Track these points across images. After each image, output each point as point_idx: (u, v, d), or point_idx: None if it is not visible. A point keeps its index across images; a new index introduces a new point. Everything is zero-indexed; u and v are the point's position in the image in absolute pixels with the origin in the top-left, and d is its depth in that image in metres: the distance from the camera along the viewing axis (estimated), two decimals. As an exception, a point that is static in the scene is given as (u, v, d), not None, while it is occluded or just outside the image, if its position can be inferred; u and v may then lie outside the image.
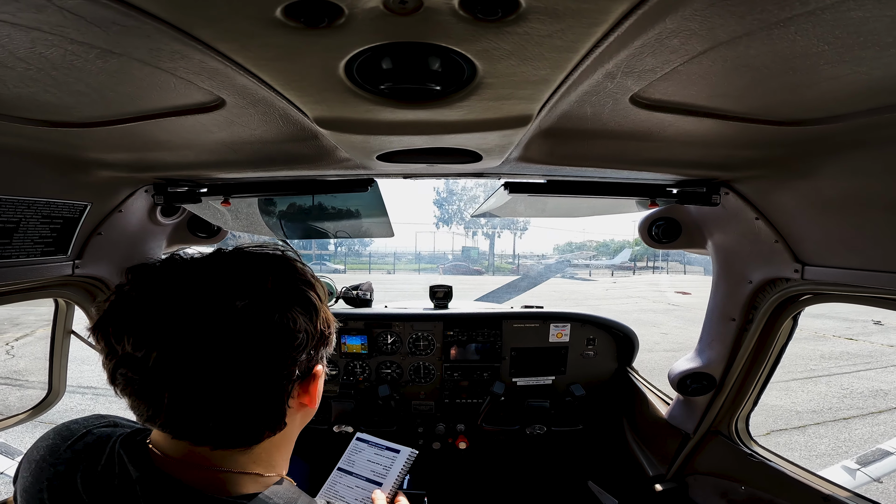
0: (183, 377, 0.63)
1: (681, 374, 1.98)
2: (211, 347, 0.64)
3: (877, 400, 8.14)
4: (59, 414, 6.38)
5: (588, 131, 1.15)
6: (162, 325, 0.63)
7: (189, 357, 0.63)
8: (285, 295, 0.73)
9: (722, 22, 0.62)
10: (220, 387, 0.65)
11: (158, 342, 0.63)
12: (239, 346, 0.65)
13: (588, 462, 2.89)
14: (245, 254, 0.77)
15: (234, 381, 0.66)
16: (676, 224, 1.92)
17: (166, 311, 0.64)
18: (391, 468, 1.47)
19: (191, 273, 0.69)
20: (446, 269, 50.28)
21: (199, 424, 0.68)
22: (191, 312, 0.64)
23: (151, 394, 0.65)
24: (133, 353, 0.63)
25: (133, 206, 1.64)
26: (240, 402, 0.68)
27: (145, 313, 0.64)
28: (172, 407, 0.65)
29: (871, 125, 0.98)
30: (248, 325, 0.66)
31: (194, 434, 0.69)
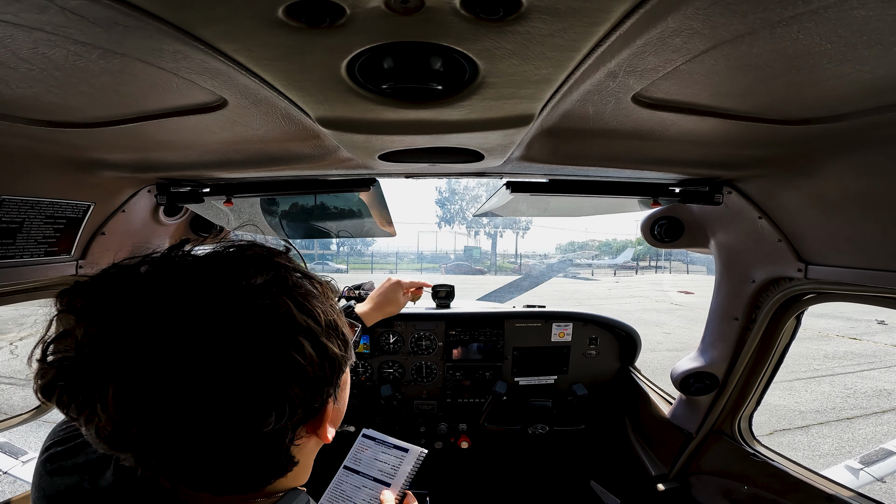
0: (162, 419, 0.52)
1: (683, 373, 1.97)
2: (187, 391, 0.52)
3: (880, 400, 8.11)
4: (61, 413, 6.39)
5: (590, 130, 1.15)
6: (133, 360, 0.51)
7: (163, 398, 0.51)
8: (270, 320, 0.58)
9: (724, 21, 0.62)
10: (204, 435, 0.54)
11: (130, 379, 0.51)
12: (213, 390, 0.53)
13: (590, 462, 2.88)
14: (224, 258, 0.62)
15: (215, 429, 0.54)
16: (679, 223, 1.91)
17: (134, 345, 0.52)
18: (399, 468, 1.41)
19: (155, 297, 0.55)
20: (448, 269, 50.29)
21: (193, 473, 0.58)
22: (159, 349, 0.52)
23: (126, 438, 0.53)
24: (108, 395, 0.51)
25: (136, 206, 1.65)
26: (228, 454, 0.57)
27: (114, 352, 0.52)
28: (158, 453, 0.55)
29: (874, 124, 0.97)
30: (220, 360, 0.53)
31: (190, 482, 0.60)
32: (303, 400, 0.60)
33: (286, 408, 0.58)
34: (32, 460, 3.76)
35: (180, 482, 0.60)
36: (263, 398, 0.55)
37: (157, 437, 0.53)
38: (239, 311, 0.55)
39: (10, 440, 4.21)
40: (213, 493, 0.62)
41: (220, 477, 0.60)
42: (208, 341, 0.53)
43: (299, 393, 0.59)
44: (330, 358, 0.63)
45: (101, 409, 0.51)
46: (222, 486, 0.62)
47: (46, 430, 0.81)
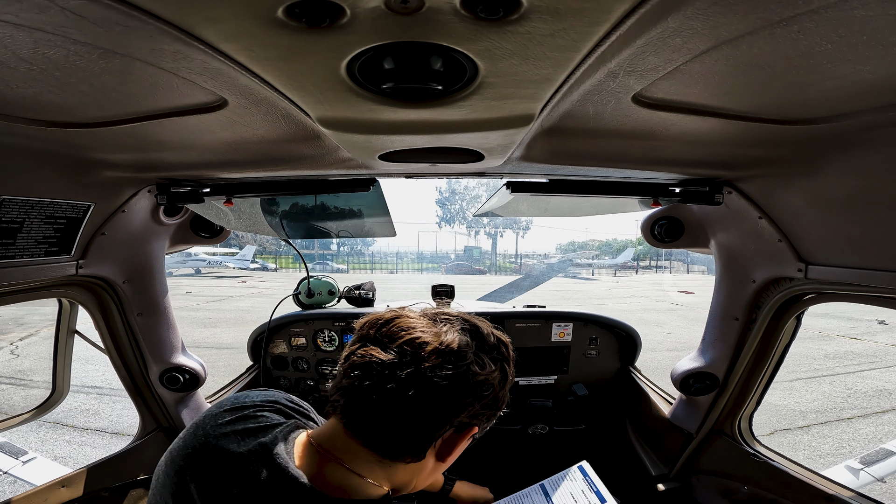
0: (394, 402, 0.82)
1: (684, 373, 1.97)
2: (408, 388, 0.82)
3: (881, 400, 8.10)
4: (62, 413, 6.41)
5: (590, 130, 1.15)
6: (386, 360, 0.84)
7: (393, 389, 0.82)
8: (474, 372, 0.87)
9: (724, 20, 0.62)
10: (397, 417, 0.83)
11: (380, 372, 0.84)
12: (421, 398, 0.82)
13: (590, 462, 2.88)
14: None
15: (417, 411, 0.83)
16: (679, 223, 1.91)
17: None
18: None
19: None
20: (449, 269, 50.32)
21: (370, 430, 0.86)
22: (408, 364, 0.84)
23: (360, 401, 0.85)
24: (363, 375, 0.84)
25: (136, 206, 1.65)
26: (408, 425, 0.85)
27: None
28: (364, 414, 0.86)
29: (875, 124, 0.97)
30: (439, 380, 0.83)
31: (363, 434, 0.87)
32: (458, 425, 0.91)
33: (446, 421, 0.88)
34: (32, 460, 3.77)
35: (362, 440, 0.87)
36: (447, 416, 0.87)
37: (387, 413, 0.84)
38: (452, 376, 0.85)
39: (10, 440, 4.21)
40: (373, 449, 0.87)
41: (389, 438, 0.86)
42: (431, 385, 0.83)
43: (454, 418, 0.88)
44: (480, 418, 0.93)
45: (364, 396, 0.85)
46: (382, 446, 0.87)
47: (46, 430, 0.81)
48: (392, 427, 0.85)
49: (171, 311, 2.04)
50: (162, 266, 1.97)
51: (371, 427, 0.86)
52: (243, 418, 0.92)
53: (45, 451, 5.28)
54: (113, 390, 7.57)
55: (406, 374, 0.82)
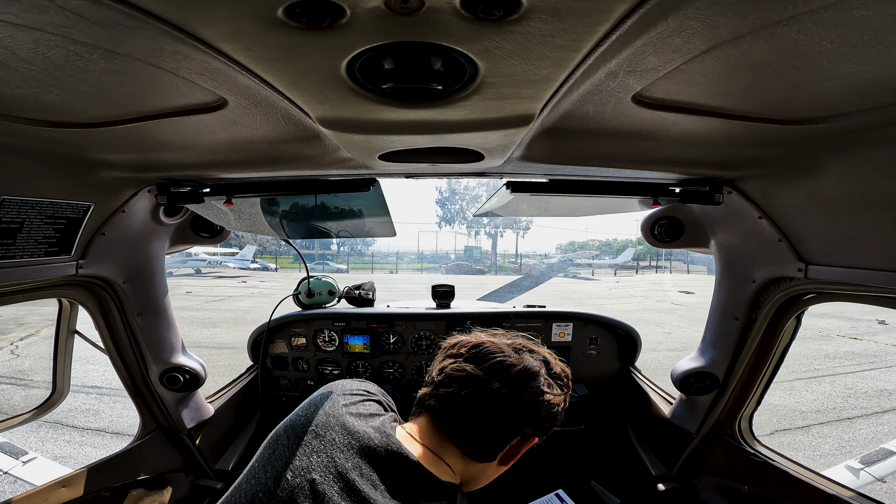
0: (485, 410, 1.01)
1: (684, 373, 1.97)
2: (496, 400, 1.01)
3: (881, 399, 8.10)
4: (62, 413, 6.41)
5: (590, 130, 1.15)
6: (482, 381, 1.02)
7: (483, 403, 1.01)
8: (546, 396, 1.04)
9: (724, 21, 0.62)
10: (485, 422, 1.02)
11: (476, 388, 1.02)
12: (504, 409, 1.01)
13: (590, 462, 2.88)
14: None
15: (501, 419, 1.02)
16: (679, 223, 1.91)
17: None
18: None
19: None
20: (449, 269, 50.31)
21: (461, 430, 1.03)
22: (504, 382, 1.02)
23: (456, 406, 1.03)
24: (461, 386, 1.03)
25: (136, 206, 1.65)
26: (491, 430, 1.03)
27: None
28: (457, 417, 1.03)
29: (875, 123, 0.97)
30: (518, 398, 1.02)
31: (454, 433, 1.03)
32: (524, 435, 1.06)
33: (518, 430, 1.05)
34: (32, 460, 3.77)
35: (452, 439, 1.03)
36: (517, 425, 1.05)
37: (476, 419, 1.02)
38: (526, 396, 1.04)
39: (10, 440, 4.21)
40: (456, 443, 1.04)
41: (472, 439, 1.03)
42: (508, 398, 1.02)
43: (523, 431, 1.06)
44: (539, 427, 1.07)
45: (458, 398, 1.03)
46: (464, 443, 1.03)
47: (47, 430, 0.82)
48: (478, 430, 1.02)
49: (171, 311, 2.04)
50: (162, 266, 1.97)
51: (462, 428, 1.03)
52: (355, 403, 1.09)
53: (45, 451, 5.27)
54: (113, 390, 7.57)
55: (496, 387, 1.00)
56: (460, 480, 1.07)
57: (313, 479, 0.90)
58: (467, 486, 1.11)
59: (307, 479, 0.90)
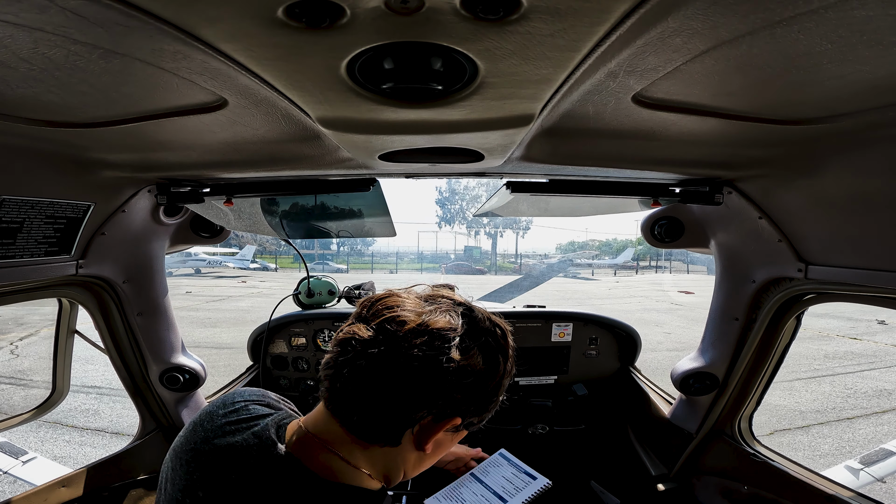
0: (364, 380, 0.83)
1: (684, 373, 1.97)
2: (379, 367, 0.82)
3: (881, 400, 8.11)
4: (62, 413, 6.41)
5: (590, 130, 1.15)
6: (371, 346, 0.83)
7: (373, 370, 0.82)
8: (471, 354, 0.86)
9: (724, 21, 0.62)
10: (368, 395, 0.83)
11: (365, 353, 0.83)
12: (397, 373, 0.81)
13: (590, 462, 2.88)
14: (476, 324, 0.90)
15: (385, 391, 0.82)
16: (679, 223, 1.91)
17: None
18: (522, 490, 1.48)
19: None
20: (449, 269, 50.31)
21: (345, 408, 0.86)
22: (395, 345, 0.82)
23: (337, 379, 0.86)
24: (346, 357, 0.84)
25: (136, 206, 1.65)
26: (378, 406, 0.84)
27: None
28: (341, 392, 0.86)
29: (875, 124, 0.97)
30: (422, 360, 0.81)
31: (340, 413, 0.87)
32: (436, 412, 0.86)
33: (419, 404, 0.84)
34: (32, 460, 3.77)
35: (340, 420, 0.87)
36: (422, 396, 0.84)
37: (365, 391, 0.84)
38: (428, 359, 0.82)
39: (10, 440, 4.21)
40: (350, 429, 0.87)
41: (365, 419, 0.86)
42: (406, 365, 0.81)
43: (434, 404, 0.85)
44: (470, 398, 0.88)
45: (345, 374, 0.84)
46: (359, 428, 0.87)
47: (46, 430, 0.82)
48: (364, 406, 0.84)
49: (171, 311, 2.04)
50: (162, 266, 1.97)
51: (346, 406, 0.86)
52: (236, 411, 0.95)
53: (45, 451, 5.27)
54: (113, 390, 7.57)
55: (379, 351, 0.81)
56: (379, 476, 0.91)
57: (199, 496, 0.84)
58: (393, 479, 0.96)
59: (193, 498, 0.84)
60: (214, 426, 0.92)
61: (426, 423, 0.87)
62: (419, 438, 0.89)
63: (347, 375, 0.83)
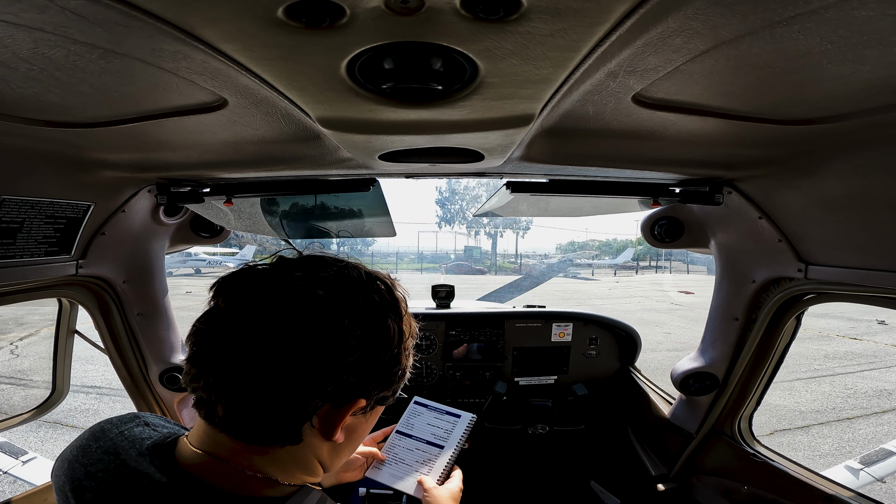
0: (233, 364, 0.69)
1: (684, 373, 1.97)
2: (242, 349, 0.69)
3: (881, 400, 8.11)
4: (62, 413, 6.41)
5: (590, 130, 1.15)
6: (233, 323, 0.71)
7: (241, 347, 0.69)
8: (358, 313, 0.73)
9: (724, 21, 0.62)
10: (257, 376, 0.68)
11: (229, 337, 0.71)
12: (281, 342, 0.68)
13: (590, 462, 2.88)
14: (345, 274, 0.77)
15: (268, 374, 0.68)
16: (679, 223, 1.91)
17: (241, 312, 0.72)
18: (453, 431, 1.47)
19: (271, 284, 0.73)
20: (448, 269, 50.32)
21: (234, 413, 0.71)
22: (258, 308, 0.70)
23: (209, 375, 0.72)
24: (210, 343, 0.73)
25: (136, 206, 1.65)
26: (265, 395, 0.69)
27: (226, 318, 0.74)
28: (219, 389, 0.71)
29: (875, 124, 0.97)
30: (299, 325, 0.69)
31: (226, 422, 0.72)
32: (331, 399, 0.72)
33: (322, 378, 0.70)
34: (32, 460, 3.76)
35: (227, 429, 0.73)
36: (311, 374, 0.69)
37: (231, 384, 0.70)
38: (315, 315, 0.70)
39: (10, 440, 4.21)
40: (238, 436, 0.73)
41: (252, 418, 0.71)
42: (287, 330, 0.69)
43: (337, 373, 0.71)
44: (375, 368, 0.76)
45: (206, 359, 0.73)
46: (248, 431, 0.72)
47: (46, 430, 0.82)
48: (242, 405, 0.70)
49: (171, 311, 2.04)
50: (162, 266, 1.97)
51: (225, 410, 0.71)
52: (111, 439, 0.81)
53: (45, 451, 5.27)
54: (113, 390, 7.57)
55: (240, 322, 0.69)
56: (276, 476, 0.75)
57: None
58: (313, 477, 0.82)
59: None
60: (92, 460, 0.76)
61: (325, 413, 0.74)
62: (324, 430, 0.75)
63: (213, 382, 0.71)
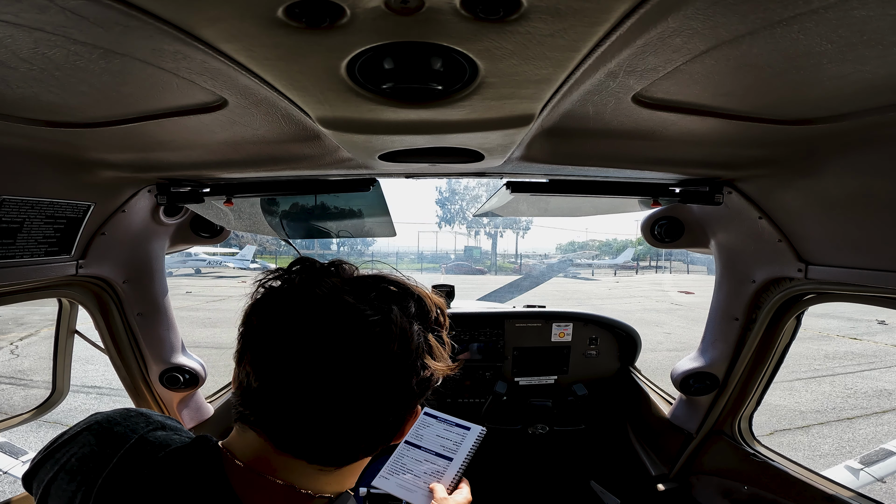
0: (326, 389, 0.64)
1: (684, 373, 1.97)
2: (339, 374, 0.64)
3: (881, 400, 8.11)
4: (62, 413, 6.41)
5: (590, 130, 1.15)
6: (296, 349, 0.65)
7: (318, 382, 0.64)
8: (418, 337, 0.74)
9: (724, 21, 0.62)
10: (362, 404, 0.66)
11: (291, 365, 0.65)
12: (368, 376, 0.65)
13: (590, 462, 2.88)
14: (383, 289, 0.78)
15: (376, 401, 0.67)
16: (679, 223, 1.91)
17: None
18: (461, 444, 1.46)
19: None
20: (448, 269, 50.29)
21: (314, 436, 0.66)
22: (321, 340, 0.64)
23: (271, 409, 0.66)
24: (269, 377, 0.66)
25: (136, 206, 1.65)
26: (372, 421, 0.68)
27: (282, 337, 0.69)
28: (299, 414, 0.65)
29: (875, 124, 0.97)
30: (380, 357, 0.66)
31: (300, 445, 0.67)
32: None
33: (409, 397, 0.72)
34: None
35: (289, 449, 0.67)
36: (403, 388, 0.70)
37: (293, 404, 0.64)
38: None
39: (10, 440, 4.21)
40: (311, 460, 0.68)
41: (337, 443, 0.68)
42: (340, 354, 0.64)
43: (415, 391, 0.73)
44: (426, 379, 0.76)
45: (257, 372, 0.68)
46: (327, 455, 0.69)
47: (46, 430, 0.81)
48: (331, 434, 0.67)
49: (171, 311, 2.04)
50: (162, 266, 1.97)
51: (310, 439, 0.67)
52: (139, 445, 0.71)
53: (45, 451, 5.26)
54: (113, 390, 7.56)
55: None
56: (334, 491, 0.74)
57: None
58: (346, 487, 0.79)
59: None
60: (116, 469, 0.67)
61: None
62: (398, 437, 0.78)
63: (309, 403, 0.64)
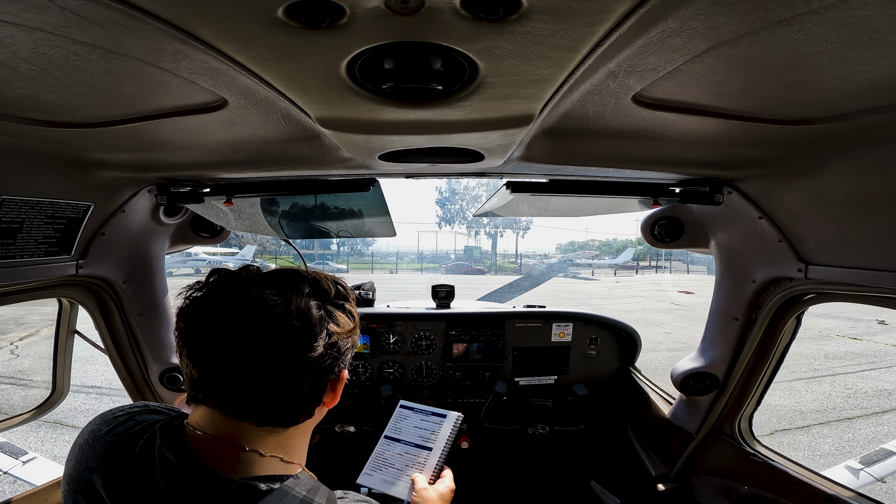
0: (248, 365, 0.76)
1: (684, 373, 1.97)
2: (270, 344, 0.76)
3: (881, 400, 8.11)
4: (62, 413, 6.41)
5: (590, 130, 1.15)
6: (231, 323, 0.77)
7: (249, 349, 0.76)
8: (332, 309, 0.85)
9: (724, 21, 0.62)
10: (280, 372, 0.78)
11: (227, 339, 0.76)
12: (292, 343, 0.77)
13: (590, 462, 2.88)
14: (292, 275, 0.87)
15: (291, 368, 0.78)
16: (679, 223, 1.91)
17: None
18: (439, 432, 1.47)
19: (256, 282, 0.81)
20: (448, 269, 50.28)
21: (252, 403, 0.79)
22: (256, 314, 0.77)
23: (217, 374, 0.78)
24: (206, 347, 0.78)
25: (136, 206, 1.65)
26: (295, 386, 0.80)
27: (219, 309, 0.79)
28: (235, 388, 0.78)
29: (875, 124, 0.97)
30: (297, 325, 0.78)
31: (244, 411, 0.79)
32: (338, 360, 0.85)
33: (331, 361, 0.83)
34: (32, 460, 3.77)
35: (235, 414, 0.79)
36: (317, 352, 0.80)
37: (227, 381, 0.78)
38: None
39: (10, 440, 4.21)
40: (259, 422, 0.81)
41: (275, 405, 0.80)
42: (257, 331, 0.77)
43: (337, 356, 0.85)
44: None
45: (194, 362, 0.79)
46: (269, 416, 0.81)
47: (46, 430, 0.82)
48: (267, 398, 0.79)
49: (171, 311, 2.04)
50: (162, 266, 1.97)
51: (247, 402, 0.79)
52: (122, 424, 0.85)
53: (45, 451, 5.27)
54: (113, 390, 7.57)
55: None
56: (283, 456, 0.84)
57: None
58: (303, 454, 0.91)
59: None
60: (102, 443, 0.82)
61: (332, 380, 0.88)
62: (332, 399, 0.90)
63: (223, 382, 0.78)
